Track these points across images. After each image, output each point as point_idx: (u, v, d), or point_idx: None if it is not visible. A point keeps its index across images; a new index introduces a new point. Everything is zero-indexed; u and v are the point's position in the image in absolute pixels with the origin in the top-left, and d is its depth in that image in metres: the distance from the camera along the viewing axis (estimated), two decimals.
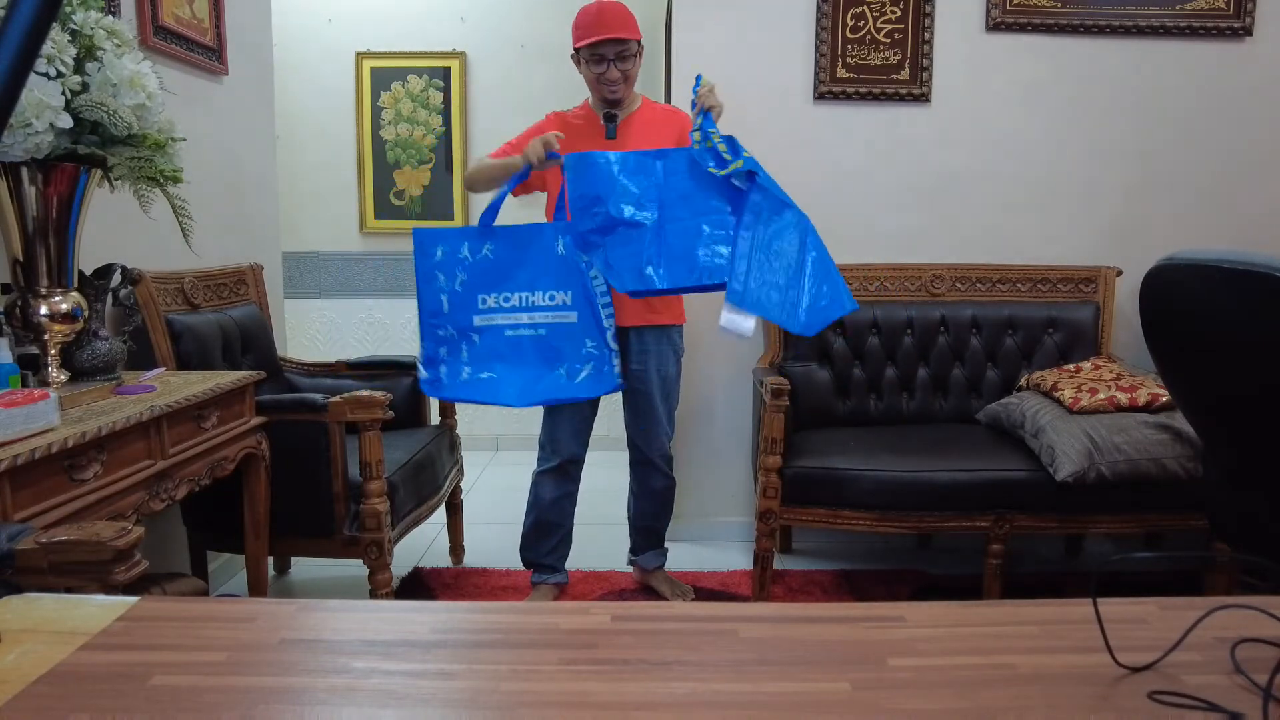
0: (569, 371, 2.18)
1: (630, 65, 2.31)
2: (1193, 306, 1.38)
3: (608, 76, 2.29)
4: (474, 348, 2.18)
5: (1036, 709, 0.60)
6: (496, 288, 2.18)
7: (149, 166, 1.64)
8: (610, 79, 2.29)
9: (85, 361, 1.72)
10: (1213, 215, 2.94)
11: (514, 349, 2.18)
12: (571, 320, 2.17)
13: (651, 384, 2.41)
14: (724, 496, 3.06)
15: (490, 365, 2.19)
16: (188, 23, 2.42)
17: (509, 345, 2.18)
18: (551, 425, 2.45)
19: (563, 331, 2.17)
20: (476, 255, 2.18)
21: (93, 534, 1.09)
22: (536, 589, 2.55)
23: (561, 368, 2.18)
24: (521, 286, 2.18)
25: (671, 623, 0.75)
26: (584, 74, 2.36)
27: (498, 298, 2.18)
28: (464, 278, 2.18)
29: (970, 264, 2.89)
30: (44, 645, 0.67)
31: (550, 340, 2.17)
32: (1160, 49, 2.86)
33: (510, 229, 2.20)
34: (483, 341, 2.18)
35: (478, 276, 2.18)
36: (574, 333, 2.17)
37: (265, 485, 2.08)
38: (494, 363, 2.19)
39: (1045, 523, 2.36)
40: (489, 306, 2.18)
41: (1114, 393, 2.36)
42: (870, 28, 2.84)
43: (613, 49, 2.27)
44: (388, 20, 4.05)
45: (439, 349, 2.20)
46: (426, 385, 2.21)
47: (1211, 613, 0.69)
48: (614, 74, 2.29)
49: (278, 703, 0.61)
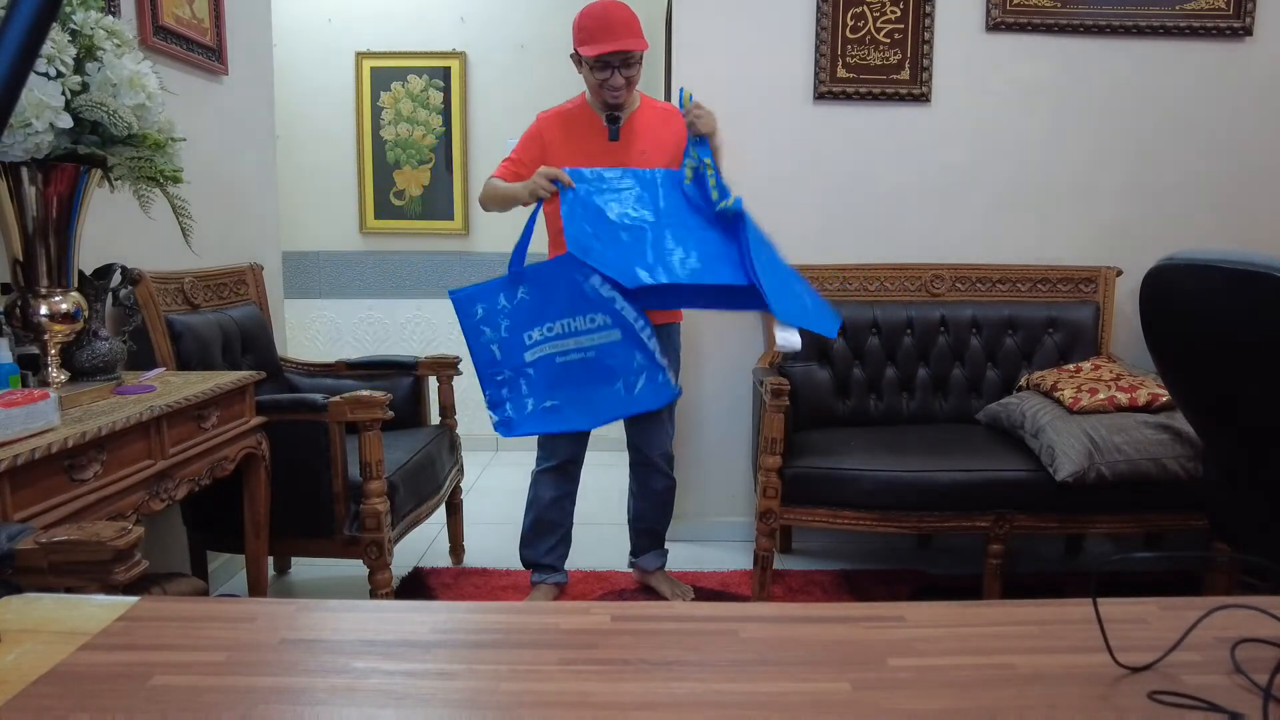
0: (626, 385, 2.23)
1: (634, 71, 2.26)
2: (1193, 306, 1.38)
3: (612, 84, 2.23)
4: (531, 381, 2.24)
5: (1036, 709, 0.60)
6: (539, 322, 2.23)
7: (149, 166, 1.64)
8: (614, 85, 2.24)
9: (85, 361, 1.72)
10: (1213, 215, 2.94)
11: (569, 374, 2.24)
12: (616, 338, 2.22)
13: None
14: (724, 496, 3.06)
15: (551, 394, 2.25)
16: (188, 23, 2.42)
17: (563, 371, 2.24)
18: None
19: (610, 349, 2.22)
20: (514, 301, 2.23)
21: (93, 534, 1.09)
22: (536, 589, 2.55)
23: (619, 382, 2.23)
24: (562, 315, 2.22)
25: (671, 623, 0.75)
26: (585, 77, 2.29)
27: (542, 330, 2.23)
28: (508, 324, 2.23)
29: (970, 264, 2.89)
30: (44, 645, 0.67)
31: (601, 359, 2.23)
32: (1160, 49, 2.86)
33: (537, 268, 2.24)
34: (538, 374, 2.24)
35: (520, 318, 2.24)
36: (621, 349, 2.22)
37: (265, 485, 2.08)
38: (554, 391, 2.24)
39: (1045, 523, 2.36)
40: (535, 340, 2.24)
41: (1114, 393, 2.36)
42: (870, 28, 2.84)
43: (619, 57, 2.21)
44: (388, 20, 4.05)
45: (500, 391, 2.26)
46: (501, 428, 2.26)
47: (1211, 613, 0.69)
48: (618, 81, 2.23)
49: (278, 703, 0.61)
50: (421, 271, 4.21)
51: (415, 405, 2.81)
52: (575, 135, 2.31)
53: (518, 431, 2.27)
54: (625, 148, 2.30)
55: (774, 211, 2.91)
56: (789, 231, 2.92)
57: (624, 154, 2.29)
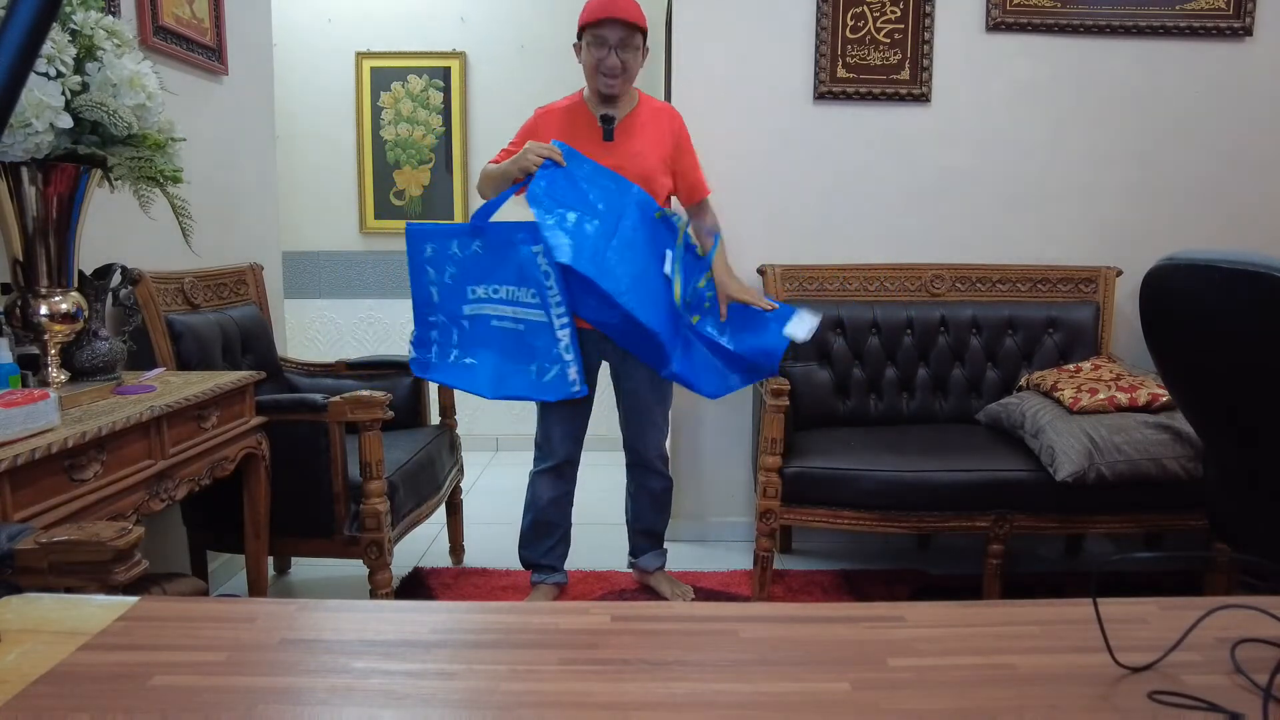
0: (539, 369, 2.25)
1: (632, 57, 2.25)
2: (1193, 307, 1.38)
3: (608, 63, 2.23)
4: (464, 333, 2.28)
5: (1036, 709, 0.60)
6: (485, 280, 2.26)
7: (149, 166, 1.64)
8: (610, 66, 2.23)
9: (85, 361, 1.72)
10: (1213, 215, 2.94)
11: (497, 339, 2.27)
12: (543, 319, 2.24)
13: (644, 384, 2.40)
14: (724, 496, 3.06)
15: (475, 351, 2.28)
16: (188, 23, 2.42)
17: (494, 335, 2.27)
18: (545, 426, 2.44)
19: (537, 329, 2.24)
20: (466, 251, 2.26)
21: (93, 534, 1.09)
22: (536, 589, 2.55)
23: (533, 365, 2.26)
24: (508, 280, 2.26)
25: (671, 623, 0.75)
26: (584, 60, 2.29)
27: (487, 289, 2.26)
28: (453, 271, 2.26)
29: (970, 264, 2.89)
30: (44, 645, 0.67)
31: (527, 336, 2.25)
32: (1160, 49, 2.86)
33: (498, 226, 2.25)
34: (472, 328, 2.28)
35: (467, 270, 2.26)
36: (546, 332, 2.23)
37: (265, 485, 2.08)
38: (479, 349, 2.28)
39: (1045, 523, 2.36)
40: (478, 297, 2.27)
41: (1114, 393, 2.36)
42: (870, 28, 2.84)
43: (617, 33, 2.21)
44: (388, 20, 4.05)
45: (431, 332, 2.31)
46: (416, 365, 2.32)
47: (1211, 613, 0.69)
48: (614, 61, 2.22)
49: (278, 703, 0.61)
50: None
51: (415, 405, 2.81)
52: (571, 131, 2.31)
53: (429, 375, 2.34)
54: (620, 146, 2.30)
55: (774, 211, 2.93)
56: (789, 231, 2.93)
57: (618, 152, 2.29)
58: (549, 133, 2.33)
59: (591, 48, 2.24)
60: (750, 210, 2.86)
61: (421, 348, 2.30)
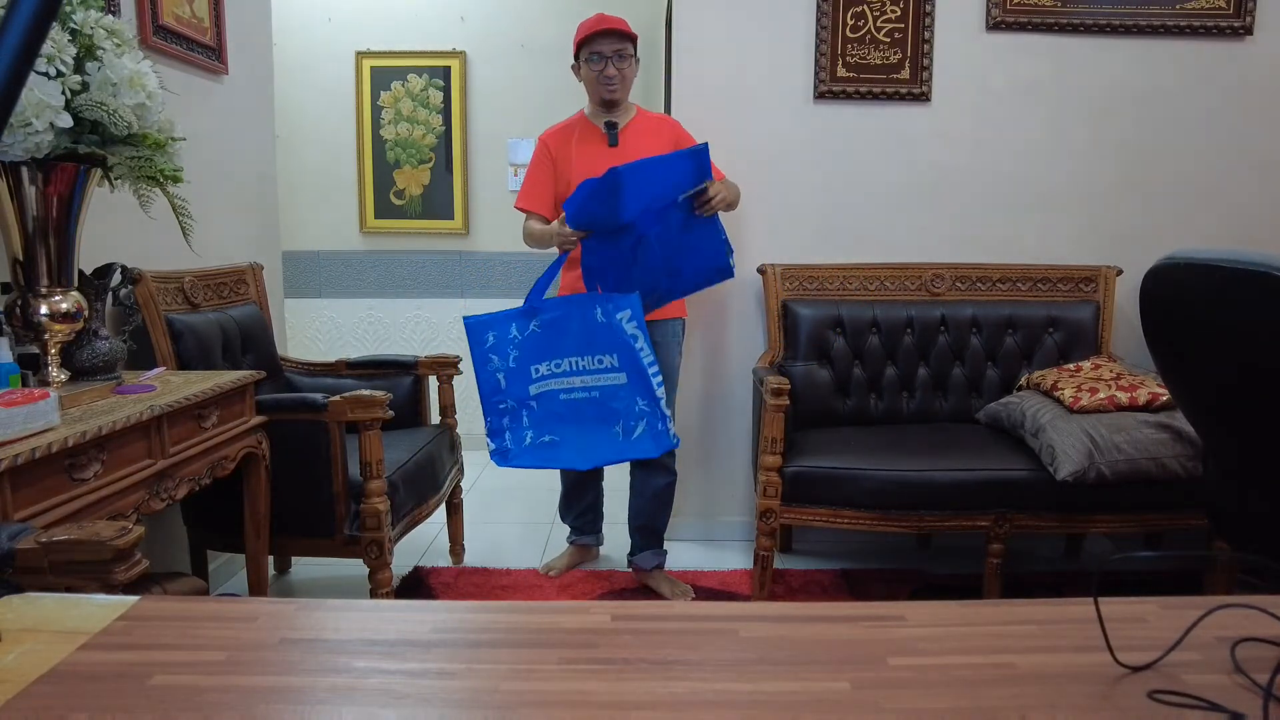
0: (624, 429, 2.29)
1: (627, 66, 2.43)
2: (1193, 306, 1.38)
3: (606, 74, 2.41)
4: (533, 414, 2.30)
5: (1036, 709, 0.60)
6: (547, 357, 2.29)
7: (149, 166, 1.63)
8: (608, 75, 2.41)
9: (85, 361, 1.72)
10: (1213, 215, 2.94)
11: (571, 411, 2.30)
12: (621, 381, 2.28)
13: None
14: (724, 496, 3.06)
15: (551, 429, 2.30)
16: (188, 22, 2.42)
17: (565, 408, 2.30)
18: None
19: (614, 392, 2.29)
20: (525, 333, 2.29)
21: (93, 533, 1.09)
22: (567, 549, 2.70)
23: (617, 425, 2.30)
24: (571, 352, 2.29)
25: (671, 623, 0.75)
26: (584, 77, 2.47)
27: (549, 365, 2.29)
28: (516, 354, 2.28)
29: (970, 264, 2.89)
30: (44, 645, 0.67)
31: (604, 401, 2.29)
32: (1160, 49, 2.86)
33: (553, 303, 2.30)
34: (540, 407, 2.30)
35: (529, 351, 2.29)
36: (624, 393, 2.28)
37: (265, 485, 2.08)
38: (554, 426, 2.30)
39: (1045, 522, 2.36)
40: (542, 375, 2.30)
41: (1114, 392, 2.36)
42: (870, 27, 2.84)
43: (610, 45, 2.39)
44: (388, 20, 4.05)
45: (502, 420, 2.31)
46: (496, 456, 2.32)
47: (1211, 612, 0.69)
48: (611, 71, 2.41)
49: (278, 703, 0.61)
50: (422, 271, 4.21)
51: (415, 405, 2.81)
52: (577, 144, 2.47)
53: (513, 463, 2.31)
54: (623, 153, 2.44)
55: (774, 211, 2.92)
56: (789, 231, 2.93)
57: (622, 158, 2.39)
58: (557, 150, 2.49)
59: (590, 63, 2.43)
60: (750, 209, 2.85)
61: (497, 437, 2.30)
